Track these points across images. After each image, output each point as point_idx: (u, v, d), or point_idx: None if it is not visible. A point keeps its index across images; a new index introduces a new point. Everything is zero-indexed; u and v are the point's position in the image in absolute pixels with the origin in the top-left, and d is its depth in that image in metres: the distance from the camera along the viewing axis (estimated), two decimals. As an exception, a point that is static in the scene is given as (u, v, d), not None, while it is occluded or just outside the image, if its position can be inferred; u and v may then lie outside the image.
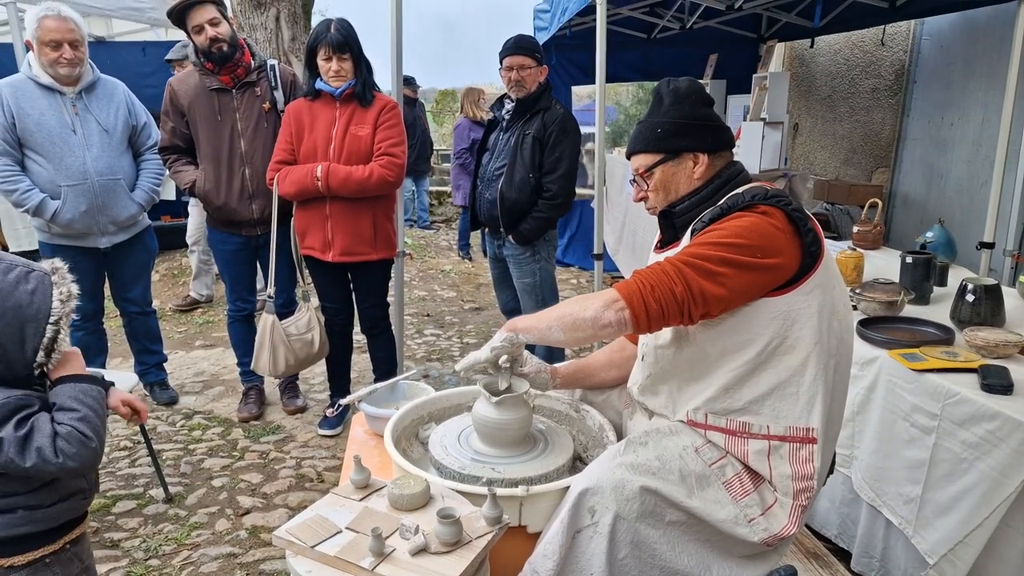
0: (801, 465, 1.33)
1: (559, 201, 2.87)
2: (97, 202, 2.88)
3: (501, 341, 1.36)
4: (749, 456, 1.35)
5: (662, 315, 1.24)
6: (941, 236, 2.90)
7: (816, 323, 1.31)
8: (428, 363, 3.93)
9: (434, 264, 6.34)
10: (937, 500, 1.79)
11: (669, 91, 1.46)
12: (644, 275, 1.28)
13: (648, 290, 1.24)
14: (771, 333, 1.31)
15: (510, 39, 2.89)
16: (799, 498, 1.34)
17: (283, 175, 2.69)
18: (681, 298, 1.23)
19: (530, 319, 1.37)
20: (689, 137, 1.43)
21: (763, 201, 1.31)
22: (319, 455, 2.89)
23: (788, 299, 1.30)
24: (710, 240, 1.28)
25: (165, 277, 5.42)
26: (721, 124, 1.47)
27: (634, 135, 1.49)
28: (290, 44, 5.31)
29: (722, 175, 1.43)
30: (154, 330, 3.36)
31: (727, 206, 1.33)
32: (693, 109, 1.44)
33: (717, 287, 1.24)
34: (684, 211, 1.44)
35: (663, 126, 1.44)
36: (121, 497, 2.57)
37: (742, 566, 1.34)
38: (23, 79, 2.79)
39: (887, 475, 1.95)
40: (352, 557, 1.16)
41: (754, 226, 1.27)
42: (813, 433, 1.33)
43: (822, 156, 5.77)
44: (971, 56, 4.26)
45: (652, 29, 5.66)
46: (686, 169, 1.43)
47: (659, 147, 1.44)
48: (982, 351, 1.95)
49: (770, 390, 1.34)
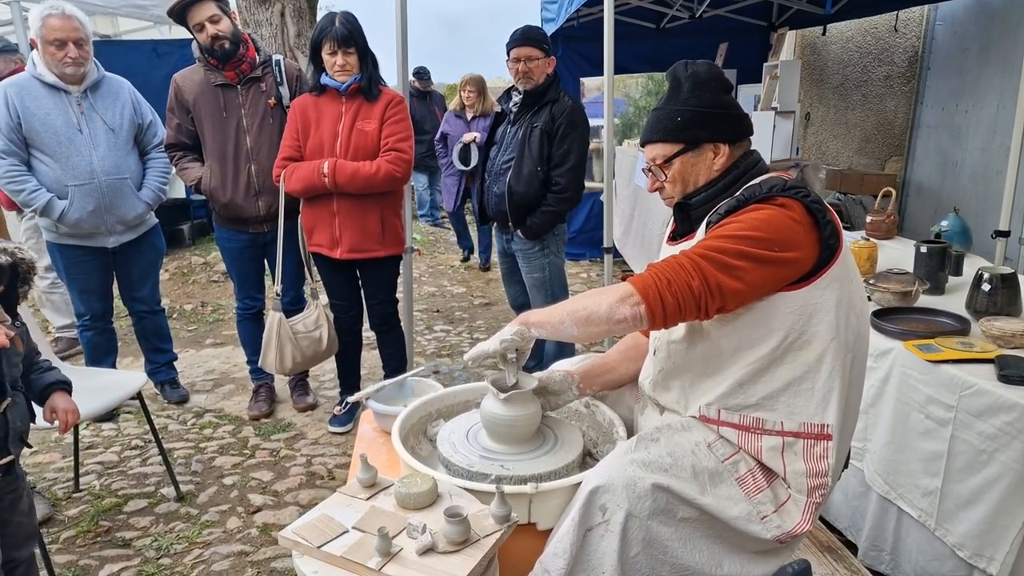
0: (815, 462, 1.31)
1: (568, 195, 2.84)
2: (104, 201, 2.89)
3: (512, 334, 1.34)
4: (763, 452, 1.33)
5: (678, 310, 1.22)
6: (956, 225, 2.85)
7: (833, 318, 1.28)
8: (438, 359, 3.93)
9: (443, 259, 6.33)
10: (958, 492, 1.76)
11: (688, 76, 1.39)
12: (660, 269, 1.25)
13: (664, 284, 1.22)
14: (787, 328, 1.28)
15: (517, 30, 2.86)
16: (813, 495, 1.31)
17: (289, 172, 2.68)
18: (698, 292, 1.21)
19: (542, 313, 1.34)
20: (709, 127, 1.38)
21: (781, 193, 1.27)
22: (330, 452, 2.89)
23: (805, 293, 1.27)
24: (727, 233, 1.25)
25: (174, 276, 5.44)
26: (741, 112, 1.42)
27: (651, 123, 1.44)
28: (295, 40, 5.30)
29: (740, 165, 1.39)
30: (163, 329, 3.37)
31: (744, 197, 1.30)
32: (714, 96, 1.39)
33: (734, 281, 1.21)
34: (700, 203, 1.40)
35: (683, 115, 1.38)
36: (132, 496, 2.58)
37: (754, 561, 1.32)
38: (28, 78, 2.79)
39: (902, 467, 1.92)
40: (359, 557, 1.15)
41: (771, 219, 1.24)
42: (828, 429, 1.31)
43: (834, 145, 5.70)
44: (986, 42, 4.18)
45: (661, 19, 5.60)
46: (706, 160, 1.39)
47: (679, 137, 1.39)
48: (999, 341, 1.91)
49: (785, 386, 1.31)
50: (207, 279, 5.42)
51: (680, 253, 1.26)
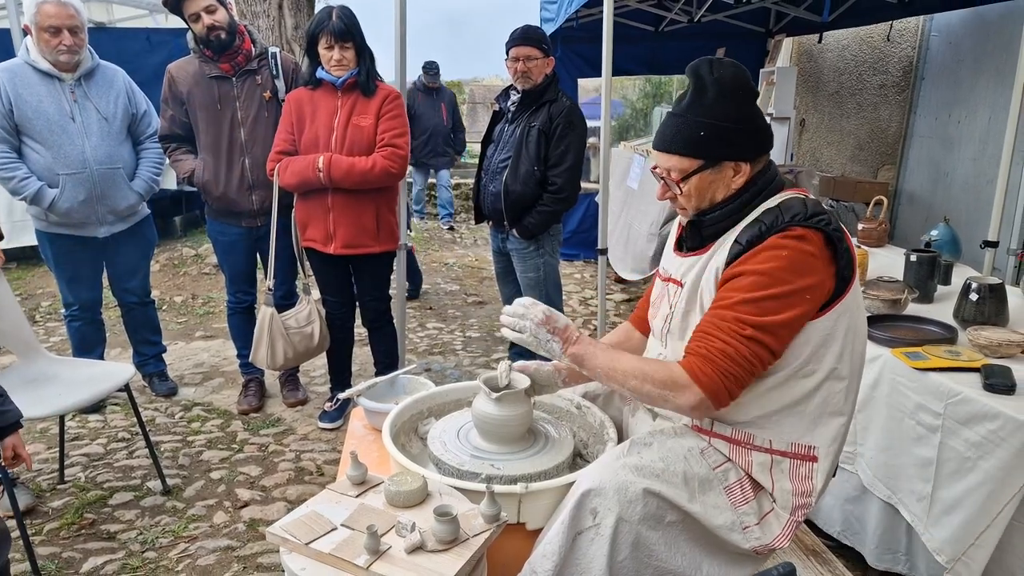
0: (801, 482, 1.33)
1: (564, 195, 2.85)
2: (96, 191, 2.86)
3: (546, 350, 1.37)
4: (752, 466, 1.34)
5: (741, 390, 1.28)
6: (946, 234, 2.87)
7: (839, 347, 1.30)
8: (430, 357, 3.92)
9: (437, 257, 6.32)
10: (945, 498, 1.78)
11: (713, 81, 1.29)
12: (723, 365, 1.23)
13: (733, 382, 1.24)
14: (796, 359, 1.30)
15: (517, 29, 2.86)
16: (796, 513, 1.34)
17: (284, 166, 2.67)
18: (756, 370, 1.26)
19: (600, 362, 1.33)
20: (734, 145, 1.30)
21: (803, 223, 1.25)
22: (319, 448, 2.88)
23: (818, 324, 1.28)
24: (761, 295, 1.23)
25: (165, 267, 5.40)
26: (765, 125, 1.36)
27: (671, 131, 1.33)
28: (293, 32, 5.27)
29: (757, 182, 1.33)
30: (153, 321, 3.34)
31: (766, 226, 1.27)
32: (740, 108, 1.30)
33: (780, 343, 1.27)
34: (716, 220, 1.35)
35: (706, 128, 1.29)
36: (118, 489, 2.56)
37: (731, 565, 1.33)
38: (21, 64, 2.76)
39: (901, 472, 1.94)
40: (347, 555, 1.15)
41: (794, 263, 1.23)
42: (815, 451, 1.33)
43: (828, 152, 5.73)
44: (980, 53, 4.21)
45: (660, 22, 5.61)
46: (725, 178, 1.33)
47: (700, 154, 1.30)
48: (985, 350, 1.93)
49: (780, 408, 1.33)
50: (198, 271, 5.39)
51: (734, 336, 1.23)
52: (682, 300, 1.37)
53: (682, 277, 1.40)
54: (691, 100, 1.32)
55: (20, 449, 1.74)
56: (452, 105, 7.13)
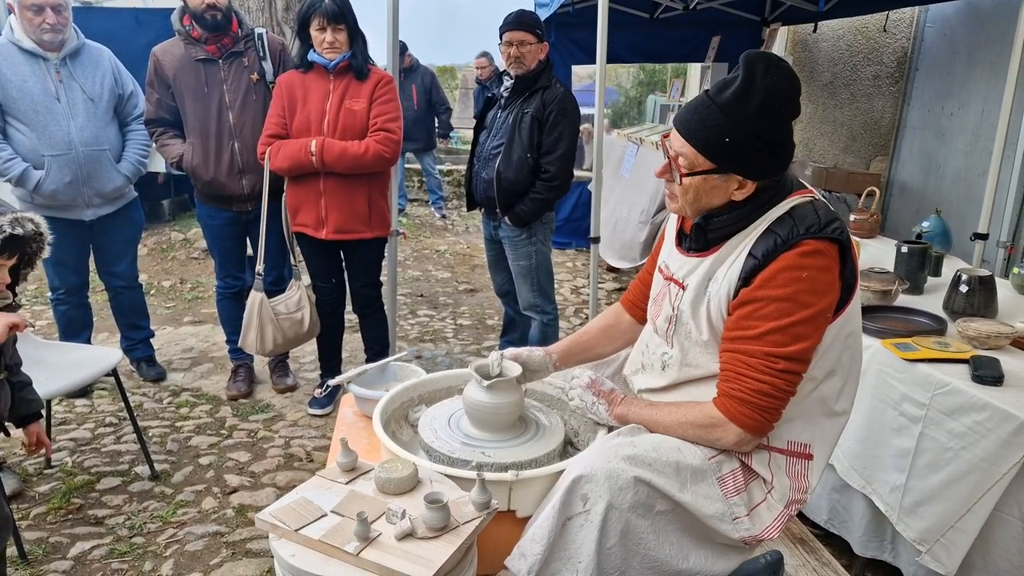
0: (796, 479, 1.35)
1: (557, 183, 2.83)
2: (82, 173, 2.82)
3: (591, 414, 1.48)
4: (752, 458, 1.36)
5: (781, 415, 1.30)
6: (937, 226, 2.89)
7: (838, 352, 1.32)
8: (421, 344, 3.91)
9: (429, 244, 6.29)
10: (919, 488, 1.81)
11: (763, 86, 1.20)
12: (762, 403, 1.25)
13: (773, 415, 1.28)
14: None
15: (511, 14, 2.82)
16: (790, 507, 1.35)
17: (275, 149, 2.63)
18: (793, 393, 1.28)
19: (643, 418, 1.39)
20: (753, 165, 1.25)
21: (818, 235, 1.23)
22: (308, 435, 2.87)
23: (825, 334, 1.29)
24: (788, 322, 1.24)
25: (153, 251, 5.35)
26: (792, 147, 1.29)
27: (697, 119, 1.25)
28: (283, 14, 5.18)
29: (761, 196, 1.29)
30: (141, 305, 3.31)
31: (782, 239, 1.24)
32: (777, 127, 1.24)
33: (809, 364, 1.29)
34: (723, 223, 1.32)
35: (734, 136, 1.22)
36: (106, 474, 2.54)
37: (718, 555, 1.34)
38: (5, 43, 2.70)
39: (876, 463, 1.96)
40: (337, 541, 1.14)
41: (815, 284, 1.24)
42: (810, 449, 1.35)
43: (821, 143, 5.73)
44: (975, 45, 4.21)
45: (655, 9, 5.56)
46: (728, 188, 1.29)
47: (716, 158, 1.25)
48: (974, 342, 1.95)
49: None
50: (187, 256, 5.34)
51: (766, 371, 1.25)
52: (686, 304, 1.36)
53: (684, 279, 1.38)
54: (733, 97, 1.22)
55: (42, 436, 1.87)
56: (428, 87, 6.61)
